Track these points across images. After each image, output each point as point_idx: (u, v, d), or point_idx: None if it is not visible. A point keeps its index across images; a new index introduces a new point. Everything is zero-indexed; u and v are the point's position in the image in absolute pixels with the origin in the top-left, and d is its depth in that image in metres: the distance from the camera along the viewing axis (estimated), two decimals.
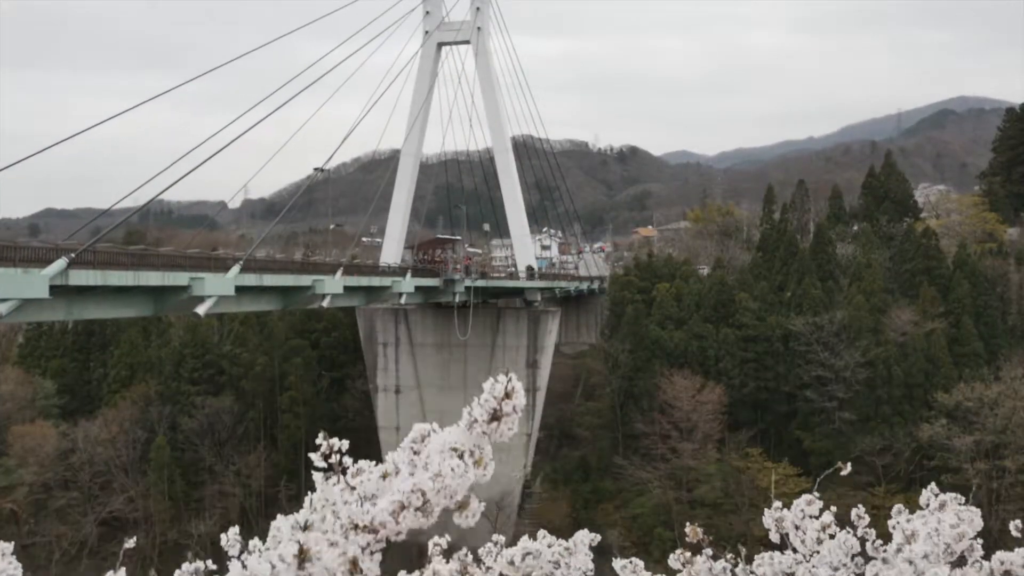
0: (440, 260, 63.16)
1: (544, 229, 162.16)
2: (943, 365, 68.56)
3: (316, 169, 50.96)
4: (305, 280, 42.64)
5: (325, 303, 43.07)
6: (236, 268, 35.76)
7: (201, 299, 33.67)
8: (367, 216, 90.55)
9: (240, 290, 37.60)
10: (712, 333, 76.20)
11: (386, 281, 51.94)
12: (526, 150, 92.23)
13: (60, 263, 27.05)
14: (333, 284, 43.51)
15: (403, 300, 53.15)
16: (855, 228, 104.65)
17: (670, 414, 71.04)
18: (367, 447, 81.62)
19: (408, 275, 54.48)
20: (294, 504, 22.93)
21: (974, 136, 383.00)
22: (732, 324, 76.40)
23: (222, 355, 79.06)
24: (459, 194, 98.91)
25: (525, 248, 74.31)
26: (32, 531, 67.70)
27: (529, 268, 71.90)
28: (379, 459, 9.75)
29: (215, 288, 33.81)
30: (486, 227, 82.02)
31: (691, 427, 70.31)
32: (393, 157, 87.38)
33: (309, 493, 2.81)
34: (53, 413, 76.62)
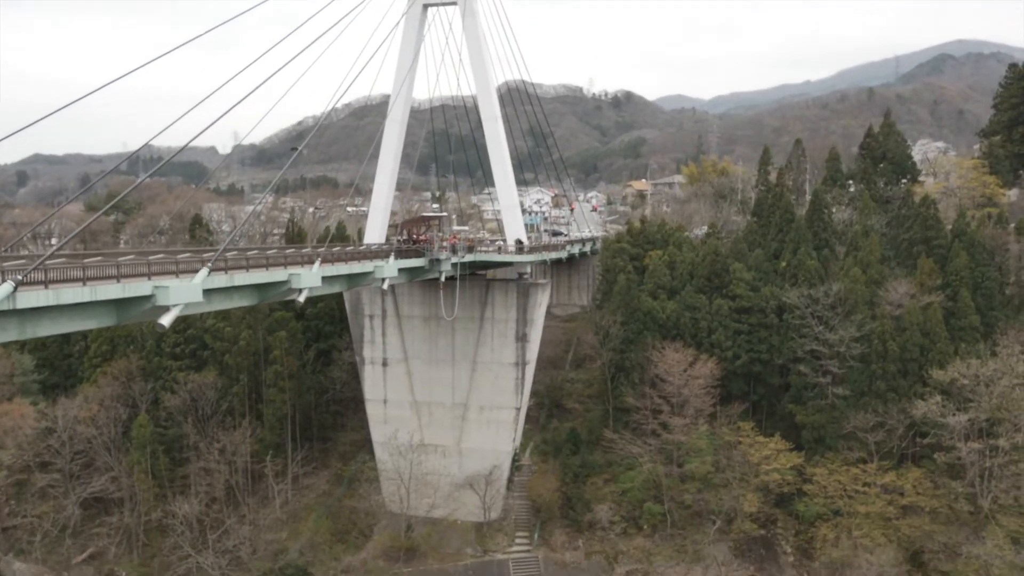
0: (425, 239, 61.17)
1: (537, 188, 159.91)
2: (939, 340, 67.23)
3: (292, 148, 48.89)
4: (280, 275, 40.73)
5: (301, 298, 41.18)
6: (204, 271, 33.86)
7: (167, 307, 31.95)
8: (361, 166, 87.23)
9: (210, 290, 35.91)
10: (705, 304, 74.81)
11: (368, 266, 49.98)
12: (517, 95, 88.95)
13: (6, 287, 25.29)
14: (310, 277, 41.64)
15: (386, 286, 51.26)
16: (852, 189, 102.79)
17: (661, 388, 70.05)
18: (355, 418, 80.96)
19: (391, 258, 52.56)
20: (280, 480, 21.70)
21: (972, 82, 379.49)
22: (726, 295, 74.96)
23: (204, 329, 77.37)
24: (452, 140, 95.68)
25: (514, 219, 72.08)
26: (13, 512, 66.86)
27: (518, 242, 69.89)
28: (366, 431, 23.36)
29: (181, 296, 31.98)
30: (474, 199, 79.38)
31: (682, 401, 69.38)
32: (384, 103, 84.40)
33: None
34: (32, 389, 75.29)
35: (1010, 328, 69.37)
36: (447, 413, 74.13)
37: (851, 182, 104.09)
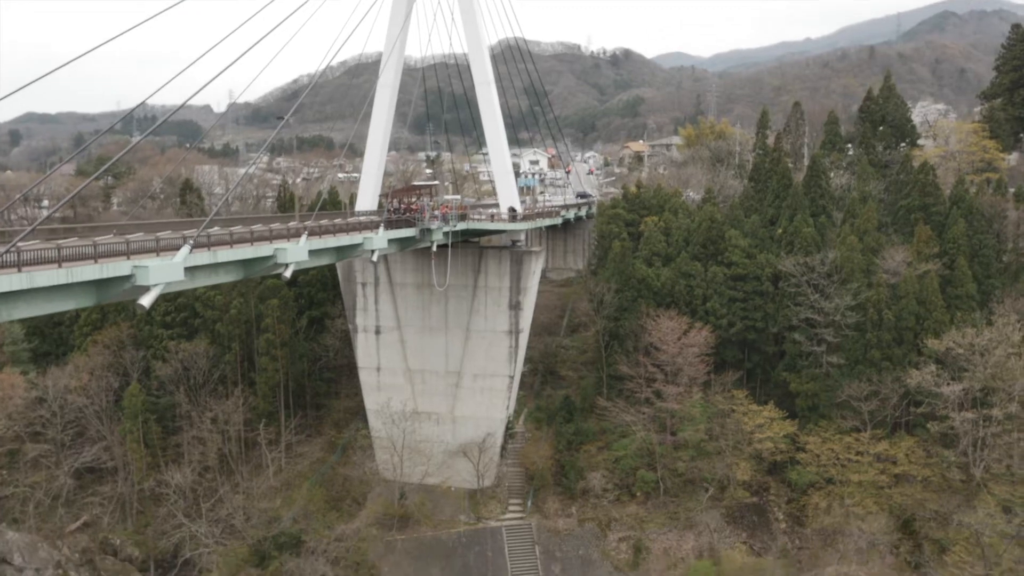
0: (416, 208, 60.25)
1: (533, 150, 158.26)
2: (935, 309, 66.71)
3: (278, 118, 48.08)
4: (266, 250, 39.94)
5: (287, 272, 40.48)
6: (185, 249, 33.12)
7: (147, 287, 31.29)
8: (354, 125, 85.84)
9: (193, 267, 35.28)
10: (700, 271, 74.23)
11: (357, 238, 49.15)
12: (513, 53, 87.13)
13: None
14: (297, 251, 40.87)
15: (375, 257, 50.51)
16: (850, 152, 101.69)
17: (655, 356, 69.70)
18: (349, 385, 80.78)
19: (381, 229, 51.69)
20: (274, 448, 27.46)
21: (974, 40, 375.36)
22: (721, 262, 74.33)
23: (195, 297, 76.59)
24: (448, 98, 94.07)
25: (508, 186, 71.09)
26: (5, 481, 66.77)
27: (511, 209, 69.03)
28: (360, 398, 27.08)
29: (161, 275, 31.25)
30: (467, 166, 77.98)
31: (676, 370, 69.07)
32: (379, 61, 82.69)
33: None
34: (23, 358, 74.77)
35: (1007, 296, 68.96)
36: (441, 381, 73.93)
37: (850, 146, 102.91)
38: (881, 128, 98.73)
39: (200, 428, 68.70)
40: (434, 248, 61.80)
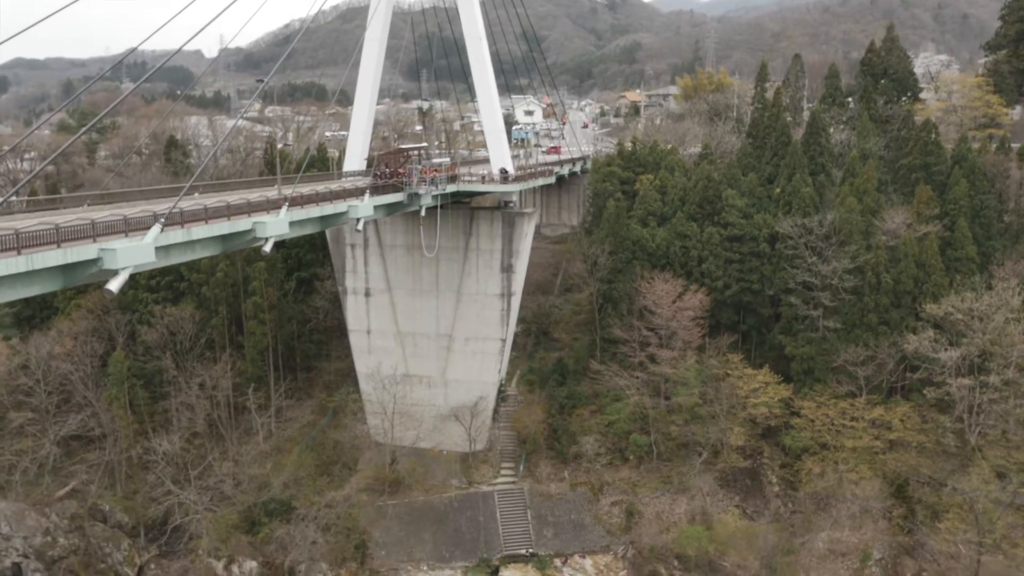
0: (404, 172, 58.39)
1: (526, 100, 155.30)
2: (934, 272, 65.42)
3: (258, 80, 46.15)
4: (244, 224, 38.37)
5: (268, 247, 39.01)
6: (156, 229, 31.64)
7: (116, 271, 29.92)
8: (345, 70, 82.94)
9: (167, 245, 33.86)
10: (696, 232, 72.74)
11: (341, 206, 47.44)
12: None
13: None
14: (277, 225, 39.29)
15: (360, 226, 48.91)
16: (851, 106, 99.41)
17: (649, 320, 68.62)
18: (339, 346, 79.77)
19: (367, 196, 50.02)
20: (263, 412, 25.66)
21: None
22: (717, 222, 72.77)
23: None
24: (440, 44, 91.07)
25: (499, 146, 69.13)
26: None
27: (503, 171, 67.21)
28: (351, 360, 30.00)
29: (130, 258, 29.84)
30: (458, 124, 75.60)
31: (670, 334, 68.05)
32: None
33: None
34: (5, 322, 73.29)
35: (1007, 259, 67.66)
36: (432, 344, 72.94)
37: (850, 100, 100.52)
38: (883, 82, 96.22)
39: (188, 394, 67.66)
40: (423, 212, 60.19)
